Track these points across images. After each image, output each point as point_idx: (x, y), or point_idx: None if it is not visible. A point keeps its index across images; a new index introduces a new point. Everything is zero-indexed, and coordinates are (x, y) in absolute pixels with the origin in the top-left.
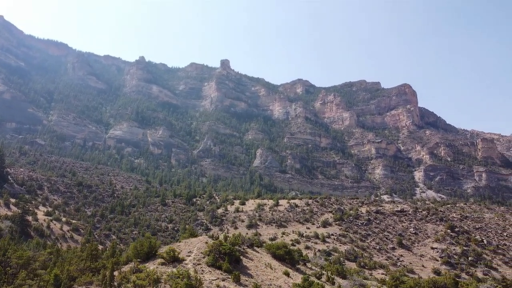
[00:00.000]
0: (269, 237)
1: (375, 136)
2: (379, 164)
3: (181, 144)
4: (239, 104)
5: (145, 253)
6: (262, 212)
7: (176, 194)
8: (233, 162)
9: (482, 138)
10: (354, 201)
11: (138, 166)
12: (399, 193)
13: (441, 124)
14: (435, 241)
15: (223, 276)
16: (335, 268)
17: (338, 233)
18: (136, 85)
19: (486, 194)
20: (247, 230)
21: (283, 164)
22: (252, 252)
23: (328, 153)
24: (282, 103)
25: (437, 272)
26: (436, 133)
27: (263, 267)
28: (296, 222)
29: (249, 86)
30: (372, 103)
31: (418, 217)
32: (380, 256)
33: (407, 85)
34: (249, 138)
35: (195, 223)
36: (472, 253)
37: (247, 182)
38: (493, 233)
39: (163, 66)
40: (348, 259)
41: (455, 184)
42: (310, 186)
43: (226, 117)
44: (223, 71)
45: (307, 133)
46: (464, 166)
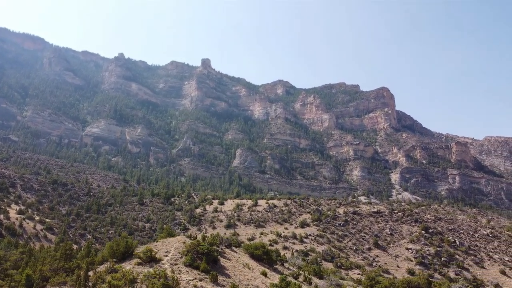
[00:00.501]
0: (248, 237)
1: (354, 138)
2: (357, 166)
3: (160, 143)
4: (220, 104)
5: (121, 253)
6: (241, 212)
7: (154, 193)
8: (213, 161)
9: (456, 142)
10: (332, 202)
11: (115, 164)
12: (376, 194)
13: (417, 127)
14: (409, 242)
15: (201, 276)
16: (312, 268)
17: (315, 233)
18: (115, 82)
19: (459, 196)
20: (226, 230)
21: (263, 165)
22: (230, 252)
23: (307, 154)
24: (263, 103)
25: (411, 272)
26: (413, 136)
27: (240, 267)
28: (275, 223)
29: (229, 86)
30: (351, 106)
31: (394, 218)
32: (356, 257)
33: (385, 89)
34: (229, 138)
35: (173, 222)
36: (445, 253)
37: (226, 182)
38: (465, 234)
39: (143, 63)
40: (325, 259)
41: (430, 186)
42: (289, 186)
43: (206, 116)
44: (204, 70)
45: (287, 134)
46: (438, 169)
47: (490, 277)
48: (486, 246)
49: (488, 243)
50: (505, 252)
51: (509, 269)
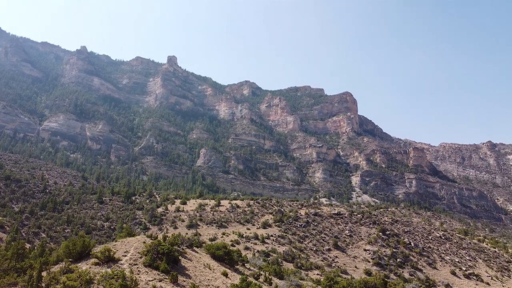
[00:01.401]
0: (209, 238)
1: (317, 141)
2: (319, 168)
3: (122, 140)
4: (185, 102)
5: (77, 252)
6: (203, 212)
7: (114, 192)
8: (176, 160)
9: (414, 147)
10: (294, 203)
11: (74, 161)
12: (337, 196)
13: (378, 132)
14: (367, 243)
15: (160, 276)
16: (273, 268)
17: (277, 234)
18: (76, 76)
19: (415, 199)
20: (187, 230)
21: (227, 165)
22: (191, 252)
23: (271, 156)
24: (229, 103)
25: (368, 273)
26: (373, 141)
27: (201, 268)
28: (237, 223)
29: (196, 84)
30: (316, 109)
31: (353, 220)
32: (316, 257)
33: (348, 94)
34: (194, 137)
35: (133, 222)
36: (401, 255)
37: (189, 181)
38: (420, 236)
39: (106, 58)
40: (286, 260)
41: (388, 190)
42: (252, 187)
43: (171, 114)
44: (170, 68)
45: (252, 134)
46: (397, 173)
47: (442, 277)
48: (438, 247)
49: (441, 245)
50: (456, 253)
51: (459, 270)
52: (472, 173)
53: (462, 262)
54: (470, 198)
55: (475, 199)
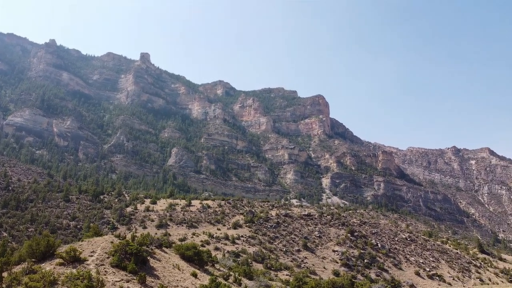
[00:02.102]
0: (179, 238)
1: (289, 142)
2: (291, 169)
3: (91, 137)
4: (157, 100)
5: (41, 252)
6: (174, 212)
7: (82, 190)
8: (147, 159)
9: (383, 151)
10: (265, 204)
11: (39, 157)
12: (307, 198)
13: (348, 135)
14: (336, 244)
15: (128, 277)
16: (243, 269)
17: (248, 235)
18: (44, 70)
19: (383, 202)
20: (157, 230)
21: (198, 165)
22: (160, 252)
23: (243, 156)
24: (202, 103)
25: (337, 274)
26: (344, 143)
27: (170, 268)
28: (208, 223)
29: (169, 82)
30: (288, 111)
31: (323, 221)
32: (286, 258)
33: (321, 96)
34: (165, 136)
35: (101, 221)
36: (368, 256)
37: (160, 181)
38: (387, 238)
39: (77, 52)
40: (255, 260)
41: (357, 192)
42: (224, 187)
43: (143, 112)
44: (142, 65)
45: (225, 135)
46: (366, 176)
47: (406, 277)
48: (404, 249)
49: (406, 246)
50: (420, 254)
51: (423, 271)
52: (437, 177)
53: (426, 263)
54: (435, 201)
55: (439, 202)
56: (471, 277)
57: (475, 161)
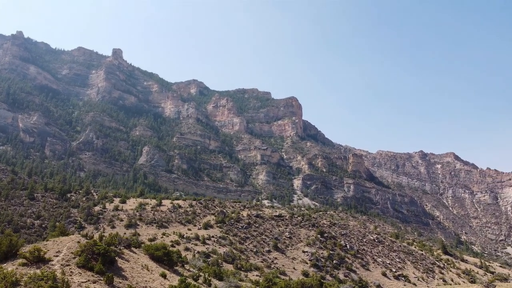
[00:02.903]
0: (149, 238)
1: (262, 143)
2: (263, 170)
3: (59, 133)
4: (129, 98)
5: (3, 252)
6: (144, 211)
7: (48, 188)
8: (117, 157)
9: (353, 153)
10: (237, 204)
11: (3, 153)
12: (278, 199)
13: (320, 137)
14: (306, 245)
15: (95, 278)
16: (213, 270)
17: (218, 235)
18: (10, 63)
19: (352, 203)
20: (126, 230)
21: (170, 164)
22: (129, 253)
23: (216, 156)
24: (175, 101)
25: (306, 274)
26: (316, 145)
27: (139, 269)
28: (178, 223)
29: (141, 80)
30: (262, 112)
31: (293, 222)
32: (256, 259)
33: (294, 98)
34: (137, 134)
35: (67, 220)
36: (337, 256)
37: (130, 179)
38: (355, 239)
39: (45, 45)
40: (226, 261)
41: (327, 193)
42: (196, 187)
43: (113, 109)
44: (114, 61)
45: (197, 134)
46: (336, 177)
47: (374, 278)
48: (372, 250)
49: (374, 247)
50: (387, 255)
51: (389, 271)
52: (405, 180)
53: (392, 264)
54: (402, 203)
55: (406, 204)
56: (435, 277)
57: (441, 166)
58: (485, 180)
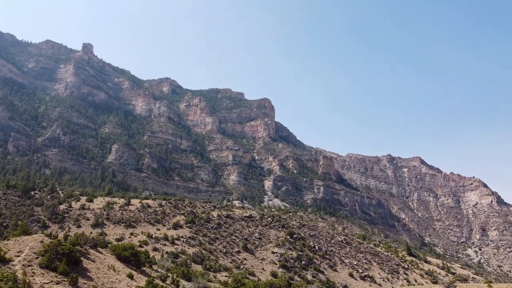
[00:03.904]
0: (116, 238)
1: (234, 144)
2: (234, 171)
3: (23, 129)
4: (99, 94)
5: None
6: (111, 211)
7: (10, 185)
8: (84, 155)
9: (324, 156)
10: (207, 204)
11: None
12: (249, 199)
13: (292, 139)
14: (275, 246)
15: (58, 278)
16: (181, 270)
17: (188, 235)
18: None
19: (322, 205)
20: (92, 229)
21: (140, 163)
22: (95, 253)
23: (187, 156)
24: (146, 99)
25: (275, 275)
26: (287, 147)
27: (105, 269)
28: (147, 223)
29: (112, 76)
30: (235, 112)
31: (263, 223)
32: (225, 259)
33: (267, 100)
34: (106, 131)
35: (30, 219)
36: (305, 257)
37: (98, 178)
38: (324, 240)
39: (11, 37)
40: (195, 261)
41: (298, 195)
42: (166, 187)
43: (82, 105)
44: (84, 56)
45: (169, 133)
46: (307, 179)
47: (341, 279)
48: (339, 251)
49: (342, 248)
50: (354, 257)
51: (356, 272)
52: (373, 183)
53: (359, 265)
54: (369, 205)
55: (374, 206)
56: (399, 278)
57: (407, 169)
58: (448, 184)
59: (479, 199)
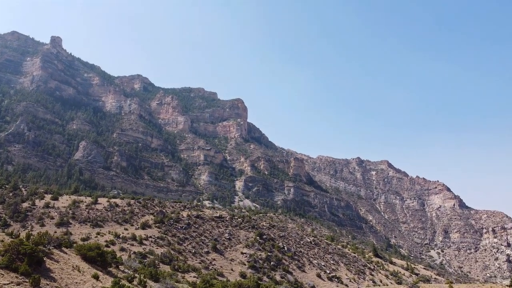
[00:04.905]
0: (82, 237)
1: (206, 144)
2: (205, 171)
3: None
4: (67, 89)
5: None
6: (77, 209)
7: None
8: (50, 152)
9: (295, 157)
10: (177, 204)
11: None
12: (220, 200)
13: (264, 140)
14: (245, 247)
15: (19, 279)
16: (149, 271)
17: (156, 235)
18: None
19: (292, 206)
20: (57, 228)
21: (109, 161)
22: (59, 253)
23: (157, 155)
24: (117, 96)
25: (243, 276)
26: (259, 148)
27: (69, 270)
28: (114, 223)
29: (81, 71)
30: (207, 112)
31: (233, 224)
32: (194, 260)
33: (240, 100)
34: (74, 128)
35: None
36: (274, 258)
37: (64, 175)
38: (293, 241)
39: None
40: (163, 262)
41: (268, 196)
42: (135, 186)
43: (49, 100)
44: (52, 49)
45: (139, 131)
46: (277, 180)
47: (309, 279)
48: (308, 252)
49: (310, 249)
50: (322, 258)
51: (324, 273)
52: (342, 185)
53: (327, 266)
54: (338, 207)
55: (342, 208)
56: (366, 278)
57: (375, 172)
58: (414, 187)
59: (443, 202)
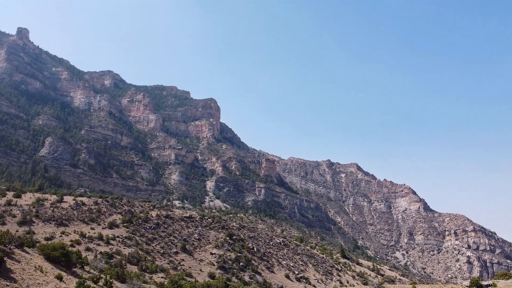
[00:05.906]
0: (45, 237)
1: (177, 143)
2: (176, 170)
3: None
4: (33, 83)
5: None
6: (41, 207)
7: None
8: (14, 147)
9: (266, 158)
10: (146, 204)
11: None
12: (190, 200)
13: (236, 140)
14: (215, 247)
15: None
16: (115, 271)
17: (124, 235)
18: None
19: (262, 207)
20: (19, 227)
21: (76, 158)
22: (20, 253)
23: (127, 153)
24: (86, 92)
25: (212, 276)
26: (231, 148)
27: (31, 270)
28: (81, 222)
29: (49, 65)
30: (180, 111)
31: (203, 224)
32: (163, 260)
33: (213, 100)
34: (39, 123)
35: None
36: (244, 259)
37: (28, 172)
38: (262, 242)
39: None
40: (130, 262)
41: (239, 196)
42: (103, 184)
43: (14, 94)
44: (19, 41)
45: (109, 128)
46: (249, 181)
47: (277, 280)
48: (277, 253)
49: (280, 250)
50: (291, 258)
51: (292, 274)
52: (312, 187)
53: (295, 267)
54: (308, 209)
55: (312, 210)
56: (333, 279)
57: (345, 175)
58: (381, 190)
59: (408, 205)
